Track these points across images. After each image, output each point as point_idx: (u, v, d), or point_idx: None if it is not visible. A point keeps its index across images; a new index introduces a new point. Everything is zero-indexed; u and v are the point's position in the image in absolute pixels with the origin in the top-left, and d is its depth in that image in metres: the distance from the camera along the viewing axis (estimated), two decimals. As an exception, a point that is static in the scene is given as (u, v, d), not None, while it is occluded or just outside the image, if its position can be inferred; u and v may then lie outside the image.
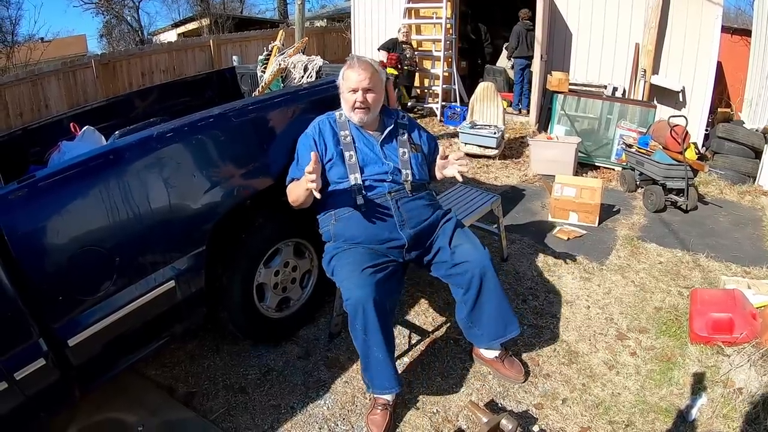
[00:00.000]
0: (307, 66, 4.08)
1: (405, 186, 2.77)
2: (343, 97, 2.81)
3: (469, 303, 2.77)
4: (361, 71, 2.73)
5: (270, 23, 20.76)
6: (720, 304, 3.21)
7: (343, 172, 2.74)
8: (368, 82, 2.72)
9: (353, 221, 2.71)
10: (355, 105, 2.74)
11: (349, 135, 2.81)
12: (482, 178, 6.60)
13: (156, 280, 2.52)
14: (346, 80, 2.77)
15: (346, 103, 2.80)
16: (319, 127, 2.83)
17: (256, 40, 12.45)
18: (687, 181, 5.28)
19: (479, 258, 2.71)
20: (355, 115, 2.77)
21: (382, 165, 2.77)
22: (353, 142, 2.79)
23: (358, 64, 2.76)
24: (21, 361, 2.12)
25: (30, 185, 2.11)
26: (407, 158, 2.83)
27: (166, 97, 4.40)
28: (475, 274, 2.69)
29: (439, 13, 9.40)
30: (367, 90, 2.73)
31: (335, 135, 2.81)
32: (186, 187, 2.58)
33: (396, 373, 2.61)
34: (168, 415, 2.78)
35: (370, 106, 2.76)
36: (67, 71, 9.25)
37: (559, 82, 7.65)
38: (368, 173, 2.74)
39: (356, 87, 2.72)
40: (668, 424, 2.66)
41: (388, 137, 2.85)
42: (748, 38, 7.80)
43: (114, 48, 21.75)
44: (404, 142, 2.88)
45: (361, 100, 2.73)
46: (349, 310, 2.50)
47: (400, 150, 2.85)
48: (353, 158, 2.75)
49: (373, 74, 2.76)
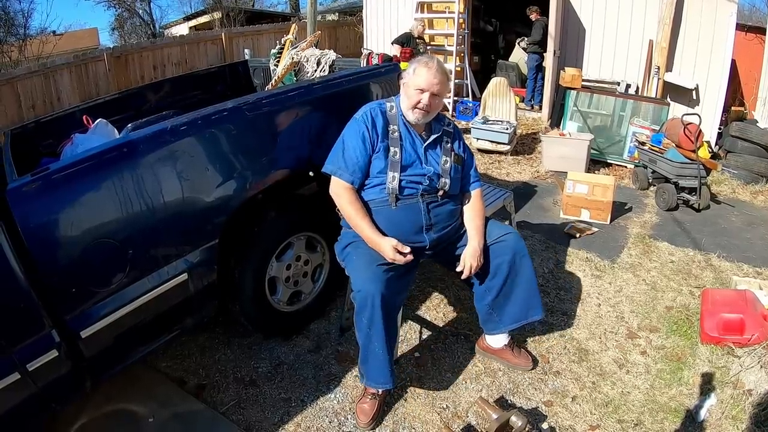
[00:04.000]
0: (320, 60, 4.06)
1: (438, 192, 2.71)
2: (407, 91, 2.68)
3: (495, 289, 2.77)
4: (437, 74, 2.62)
5: (282, 17, 20.69)
6: (731, 304, 3.20)
7: (383, 167, 2.66)
8: (439, 88, 2.63)
9: (381, 216, 2.67)
10: (418, 105, 2.64)
11: (397, 131, 2.71)
12: (494, 173, 6.59)
13: (168, 272, 2.53)
14: (417, 76, 2.64)
15: (407, 99, 2.68)
16: (372, 116, 2.71)
17: (268, 33, 12.41)
18: (699, 179, 5.24)
19: (512, 239, 2.74)
20: (412, 114, 2.67)
21: (422, 168, 2.69)
22: (400, 139, 2.71)
23: (436, 67, 2.64)
24: (34, 353, 2.14)
25: (44, 177, 2.12)
26: (448, 167, 2.75)
27: (178, 91, 4.41)
28: (505, 260, 2.70)
29: (452, 8, 9.36)
30: (435, 94, 2.63)
31: (385, 127, 2.71)
32: (199, 180, 2.59)
33: (392, 370, 2.60)
34: (178, 406, 2.80)
35: (430, 110, 2.67)
36: (79, 64, 9.25)
37: (572, 78, 7.62)
38: (407, 173, 2.66)
39: (426, 88, 2.61)
40: (677, 424, 2.66)
41: (433, 142, 2.76)
42: (763, 36, 7.72)
43: (126, 41, 21.78)
44: (448, 150, 2.79)
45: (426, 102, 2.62)
46: (357, 302, 2.51)
47: (443, 158, 2.76)
48: (397, 155, 2.67)
49: (445, 81, 2.66)
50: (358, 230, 2.64)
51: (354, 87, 3.33)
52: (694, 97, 7.53)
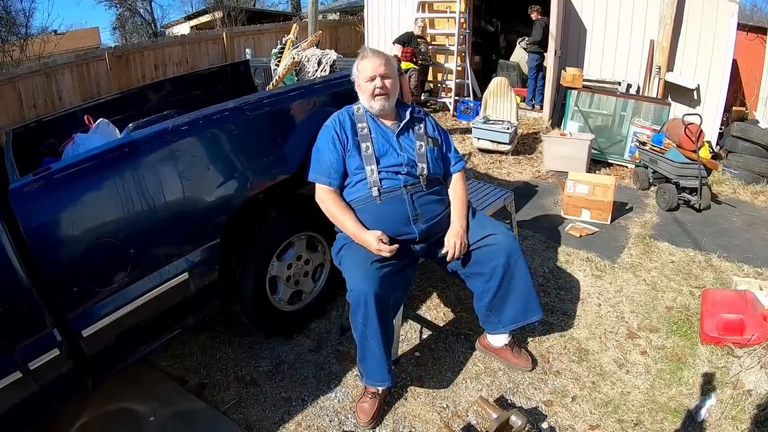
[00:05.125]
0: (321, 60, 4.06)
1: (420, 180, 2.76)
2: (361, 88, 2.82)
3: (491, 292, 2.78)
4: (376, 59, 2.76)
5: (283, 16, 20.70)
6: (731, 305, 3.20)
7: (359, 164, 2.73)
8: (384, 69, 2.75)
9: (367, 213, 2.71)
10: (375, 92, 2.75)
11: (366, 127, 2.80)
12: (495, 173, 6.58)
13: (170, 272, 2.54)
14: (362, 71, 2.79)
15: (364, 93, 2.80)
16: (339, 119, 2.83)
17: (269, 33, 12.40)
18: (700, 180, 5.24)
19: (504, 241, 2.74)
20: (375, 102, 2.77)
21: (398, 156, 2.75)
22: (370, 133, 2.79)
23: (371, 53, 2.80)
24: (35, 351, 2.14)
25: (46, 177, 2.13)
26: (424, 151, 2.81)
27: (180, 90, 4.40)
28: (499, 263, 2.71)
29: (453, 8, 9.35)
30: (384, 76, 2.75)
31: (353, 127, 2.81)
32: (200, 180, 2.59)
33: (390, 368, 2.62)
34: (179, 405, 2.81)
35: (389, 92, 2.77)
36: (81, 63, 9.24)
37: (573, 78, 7.61)
38: (384, 164, 2.72)
39: (373, 74, 2.74)
40: (677, 424, 2.66)
41: (404, 129, 2.84)
42: (764, 36, 7.71)
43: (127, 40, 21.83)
44: (421, 135, 2.86)
45: (380, 86, 2.73)
46: (352, 301, 2.53)
47: (417, 143, 2.83)
48: (369, 149, 2.74)
49: (387, 61, 2.79)
50: (343, 228, 2.72)
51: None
52: (695, 97, 7.52)
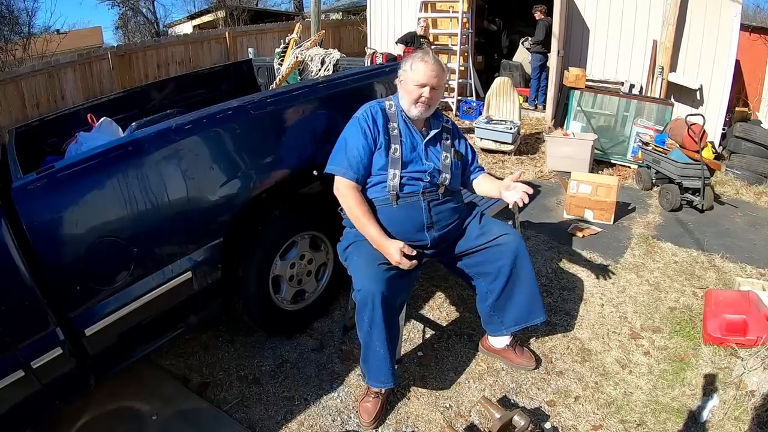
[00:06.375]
0: (325, 59, 4.08)
1: (439, 189, 2.71)
2: (406, 88, 2.69)
3: (496, 292, 2.77)
4: (435, 67, 2.64)
5: (285, 16, 20.70)
6: (734, 305, 3.20)
7: (383, 164, 2.66)
8: (437, 80, 2.65)
9: (382, 215, 2.66)
10: (420, 99, 2.65)
11: (397, 128, 2.71)
12: (498, 173, 6.58)
13: (173, 271, 2.54)
14: (415, 72, 2.64)
15: (408, 95, 2.68)
16: (372, 114, 2.71)
17: (272, 32, 12.41)
18: (703, 180, 5.24)
19: (513, 241, 2.73)
20: (415, 108, 2.67)
21: (423, 164, 2.69)
22: (400, 136, 2.71)
23: (432, 60, 2.66)
24: (38, 350, 2.14)
25: (49, 176, 2.13)
26: (449, 163, 2.75)
27: (183, 90, 4.42)
28: (506, 263, 2.70)
29: (456, 7, 9.36)
30: (435, 87, 2.65)
31: (386, 124, 2.71)
32: (203, 179, 2.59)
33: (393, 370, 2.60)
34: (182, 404, 2.81)
35: (432, 104, 2.69)
36: (83, 63, 9.26)
37: (576, 78, 7.60)
38: (408, 170, 2.66)
39: (426, 82, 2.62)
40: (680, 424, 2.65)
41: (433, 138, 2.77)
42: (767, 37, 7.72)
43: (129, 40, 21.85)
44: (448, 146, 2.80)
45: (428, 96, 2.64)
46: (358, 302, 2.50)
47: (443, 154, 2.77)
48: (398, 152, 2.67)
49: (441, 73, 2.68)
50: (364, 231, 2.62)
51: (358, 86, 3.33)
52: (698, 98, 7.52)
